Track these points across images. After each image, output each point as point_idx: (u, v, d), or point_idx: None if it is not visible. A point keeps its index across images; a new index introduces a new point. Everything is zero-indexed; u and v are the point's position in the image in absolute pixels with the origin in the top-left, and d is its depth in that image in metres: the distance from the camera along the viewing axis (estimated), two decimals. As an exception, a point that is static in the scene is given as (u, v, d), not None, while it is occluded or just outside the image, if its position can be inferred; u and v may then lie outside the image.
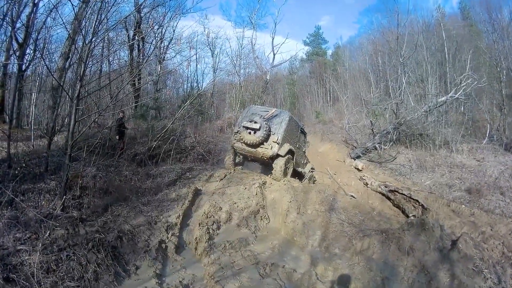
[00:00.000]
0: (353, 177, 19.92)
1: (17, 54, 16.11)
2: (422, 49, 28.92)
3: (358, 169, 21.77)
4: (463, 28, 34.37)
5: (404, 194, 15.57)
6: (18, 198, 8.84)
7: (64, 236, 7.54)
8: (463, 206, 13.66)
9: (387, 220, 12.44)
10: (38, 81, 17.51)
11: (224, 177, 13.61)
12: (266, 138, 13.43)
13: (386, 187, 17.09)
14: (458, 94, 21.86)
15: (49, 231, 7.66)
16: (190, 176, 14.16)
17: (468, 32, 33.18)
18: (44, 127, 16.55)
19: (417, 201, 14.54)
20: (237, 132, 14.18)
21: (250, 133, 13.50)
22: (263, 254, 9.03)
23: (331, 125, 33.11)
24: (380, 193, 17.29)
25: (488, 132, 25.39)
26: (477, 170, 20.13)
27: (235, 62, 35.37)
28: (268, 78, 35.87)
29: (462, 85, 21.76)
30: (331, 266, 8.38)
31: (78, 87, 8.73)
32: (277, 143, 13.40)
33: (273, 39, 35.35)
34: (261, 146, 13.57)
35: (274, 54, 36.79)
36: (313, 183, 16.57)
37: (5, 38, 16.32)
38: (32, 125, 16.18)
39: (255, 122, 13.46)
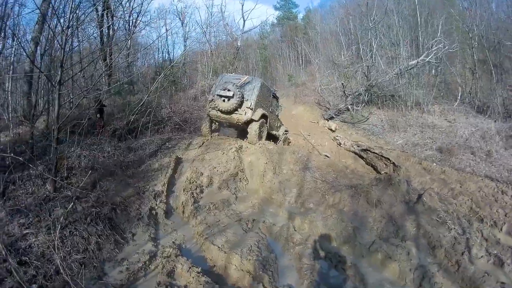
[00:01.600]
0: (327, 138, 20.30)
1: None
2: (393, 14, 29.16)
3: (331, 129, 22.19)
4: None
5: (376, 153, 16.03)
6: (10, 187, 9.14)
7: (64, 215, 7.84)
8: (434, 164, 14.19)
9: (359, 177, 12.93)
10: (11, 68, 17.35)
11: (202, 144, 14.09)
12: (239, 105, 13.77)
13: (358, 146, 17.54)
14: (429, 57, 22.22)
15: (48, 213, 8.06)
16: (169, 146, 14.56)
17: None
18: (21, 114, 16.56)
19: (388, 159, 15.01)
20: (211, 101, 14.48)
21: (224, 100, 13.82)
22: (245, 213, 9.63)
23: (304, 88, 32.95)
24: (353, 152, 17.72)
25: (460, 95, 25.72)
26: (448, 131, 20.56)
27: (205, 30, 35.24)
28: (239, 44, 35.51)
29: (433, 49, 22.10)
30: (307, 219, 8.90)
31: (60, 73, 8.92)
32: (251, 109, 13.76)
33: (242, 6, 34.84)
34: (236, 112, 13.92)
35: (244, 20, 36.56)
36: (288, 144, 17.12)
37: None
38: (10, 113, 15.99)
39: (228, 90, 13.78)
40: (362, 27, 30.63)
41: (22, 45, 14.61)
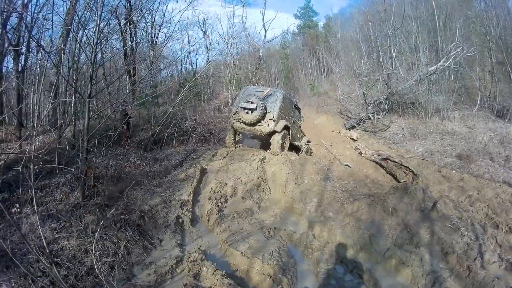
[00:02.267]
0: (348, 147, 20.42)
1: (12, 56, 16.33)
2: (411, 19, 29.15)
3: (353, 139, 22.24)
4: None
5: (395, 162, 16.15)
6: (38, 194, 9.59)
7: (94, 221, 8.28)
8: (453, 171, 14.20)
9: (379, 187, 13.24)
10: (36, 80, 17.72)
11: (227, 155, 14.49)
12: (262, 117, 14.15)
13: (379, 155, 17.70)
14: (448, 63, 22.11)
15: (79, 218, 8.50)
16: (194, 156, 14.97)
17: (458, 0, 33.02)
18: (47, 124, 16.98)
19: (408, 167, 15.19)
20: (235, 113, 14.89)
21: (247, 113, 14.22)
22: (267, 221, 10.03)
23: (326, 97, 33.17)
24: (373, 161, 17.86)
25: (479, 99, 25.57)
26: (467, 137, 20.47)
27: (227, 42, 35.73)
28: (261, 54, 35.84)
29: (451, 54, 21.96)
30: (326, 227, 9.32)
31: (89, 86, 9.41)
32: (273, 120, 14.14)
33: (263, 16, 35.34)
34: (259, 124, 14.30)
35: (265, 31, 36.76)
36: (310, 155, 17.43)
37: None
38: (37, 123, 16.18)
39: (252, 102, 14.17)
40: (382, 34, 30.66)
41: (50, 57, 15.14)
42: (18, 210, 8.59)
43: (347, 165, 16.99)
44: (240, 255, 8.09)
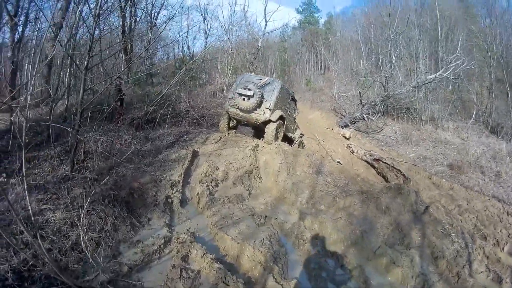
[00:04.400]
0: (340, 145, 20.44)
1: (8, 26, 16.17)
2: (414, 26, 29.25)
3: (345, 137, 22.30)
4: (458, 9, 34.16)
5: (387, 163, 16.21)
6: (26, 166, 8.99)
7: (82, 194, 8.09)
8: (444, 180, 14.37)
9: (370, 186, 12.91)
10: (32, 51, 17.50)
11: (219, 140, 14.28)
12: (259, 105, 13.98)
13: (371, 155, 17.74)
14: (447, 73, 22.29)
15: (67, 191, 8.29)
16: (187, 139, 14.88)
17: (463, 14, 33.20)
18: (40, 97, 16.81)
19: (399, 170, 15.18)
20: (231, 98, 14.71)
21: (244, 99, 14.03)
22: (257, 209, 9.86)
23: (321, 94, 33.24)
24: (365, 161, 17.88)
25: (474, 113, 25.88)
26: (460, 148, 20.72)
27: (226, 28, 35.55)
28: (259, 45, 35.74)
29: (451, 65, 22.14)
30: (317, 220, 9.16)
31: (87, 58, 9.26)
32: (269, 109, 13.97)
33: (265, 6, 35.19)
34: (254, 111, 14.13)
35: (266, 21, 36.91)
36: (302, 148, 17.24)
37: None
38: (29, 95, 15.99)
39: (249, 89, 13.99)
40: (383, 37, 30.72)
41: (51, 28, 14.92)
42: (5, 180, 8.58)
43: (338, 161, 16.96)
44: (230, 239, 7.99)
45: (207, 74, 33.40)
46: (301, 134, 18.08)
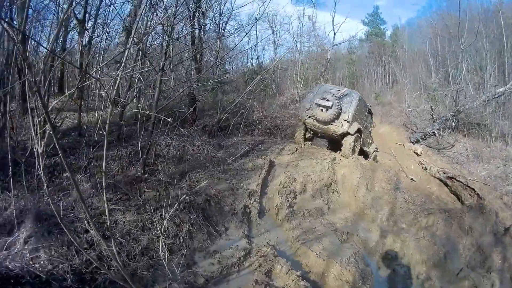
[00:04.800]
0: (412, 161, 19.92)
1: (77, 30, 16.52)
2: (481, 36, 28.39)
3: (417, 153, 21.84)
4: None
5: (461, 182, 15.80)
6: (93, 164, 9.31)
7: (156, 197, 8.12)
8: None
9: (444, 205, 12.84)
10: (102, 55, 18.10)
11: (296, 151, 14.25)
12: (337, 116, 13.81)
13: (444, 173, 17.25)
14: None
15: (139, 193, 8.25)
16: (262, 148, 14.87)
17: None
18: (110, 98, 17.13)
19: (473, 189, 14.83)
20: (309, 109, 14.57)
21: (322, 110, 13.93)
22: (338, 224, 9.79)
23: (390, 108, 32.63)
24: (438, 178, 17.49)
25: None
26: None
27: (296, 39, 35.70)
28: (329, 57, 35.73)
29: None
30: (399, 238, 9.15)
31: (163, 59, 9.58)
32: (347, 122, 13.77)
33: (333, 18, 34.95)
34: (332, 123, 13.97)
35: (334, 33, 36.69)
36: (376, 162, 17.24)
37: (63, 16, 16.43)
38: (98, 96, 16.38)
39: (327, 100, 13.87)
40: (451, 49, 30.04)
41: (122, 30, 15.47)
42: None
43: (411, 178, 16.79)
44: (314, 256, 7.85)
45: (277, 85, 33.69)
46: (376, 148, 17.95)
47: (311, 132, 15.93)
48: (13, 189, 7.10)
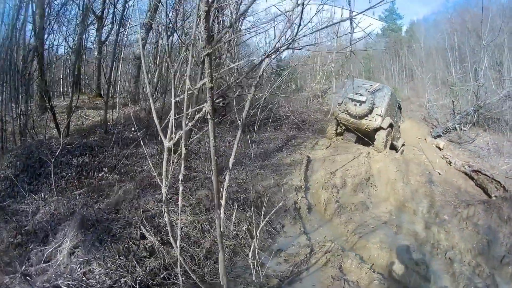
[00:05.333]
0: (436, 155, 20.04)
1: (95, 27, 17.16)
2: (502, 32, 28.34)
3: (439, 147, 21.83)
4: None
5: (487, 175, 16.03)
6: (123, 162, 9.28)
7: (208, 196, 7.87)
8: None
9: (472, 198, 12.99)
10: (119, 52, 18.23)
11: (329, 145, 14.55)
12: (370, 111, 14.02)
13: (469, 167, 17.47)
14: None
15: (189, 192, 8.08)
16: (295, 143, 15.08)
17: None
18: (131, 96, 17.64)
19: (499, 182, 15.01)
20: (341, 104, 14.75)
21: (355, 105, 14.12)
22: (383, 217, 10.01)
23: (409, 102, 32.29)
24: (463, 172, 17.66)
25: None
26: None
27: (315, 35, 35.84)
28: (348, 52, 35.79)
29: None
30: (443, 229, 9.40)
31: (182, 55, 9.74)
32: (380, 116, 13.99)
33: (351, 13, 35.21)
34: (365, 118, 14.16)
35: (352, 29, 36.67)
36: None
37: (80, 12, 16.87)
38: (119, 94, 16.95)
39: (361, 95, 14.05)
40: (470, 44, 30.06)
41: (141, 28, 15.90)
42: (107, 174, 8.56)
43: (438, 172, 17.05)
44: (376, 248, 8.07)
45: (297, 80, 33.88)
46: (403, 143, 18.06)
47: (343, 127, 16.05)
48: (40, 191, 6.97)
